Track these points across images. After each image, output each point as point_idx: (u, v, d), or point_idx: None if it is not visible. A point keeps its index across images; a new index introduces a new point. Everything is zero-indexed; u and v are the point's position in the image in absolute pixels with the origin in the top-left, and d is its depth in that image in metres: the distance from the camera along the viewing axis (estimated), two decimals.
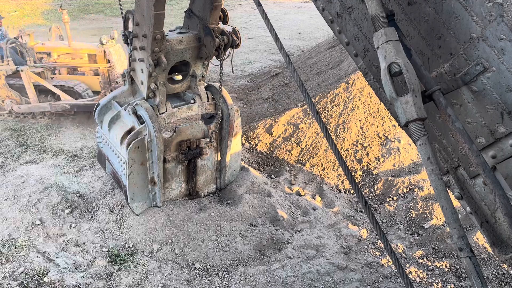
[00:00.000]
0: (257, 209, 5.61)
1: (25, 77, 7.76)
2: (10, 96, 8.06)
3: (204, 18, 4.62)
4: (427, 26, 1.81)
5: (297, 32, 15.57)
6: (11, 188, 5.94)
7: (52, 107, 7.89)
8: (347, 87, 7.39)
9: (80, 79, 8.22)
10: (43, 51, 8.20)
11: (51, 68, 8.24)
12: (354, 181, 1.88)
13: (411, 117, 1.58)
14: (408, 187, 6.20)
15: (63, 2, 20.45)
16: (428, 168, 1.54)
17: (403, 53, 1.65)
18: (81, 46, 8.34)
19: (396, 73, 1.63)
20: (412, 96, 1.58)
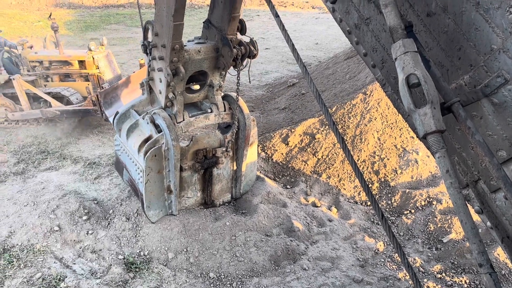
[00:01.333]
0: (272, 220, 5.59)
1: (17, 86, 8.01)
2: (4, 104, 8.33)
3: (222, 28, 4.66)
4: (446, 38, 1.80)
5: (314, 43, 15.59)
6: (31, 194, 6.05)
7: (43, 113, 8.13)
8: (365, 97, 7.35)
9: (71, 86, 8.46)
10: (36, 59, 8.40)
11: (44, 76, 8.45)
12: (371, 192, 1.86)
13: (429, 129, 1.56)
14: (426, 200, 6.10)
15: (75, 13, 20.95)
16: (447, 181, 1.52)
17: (421, 65, 1.64)
18: (71, 53, 8.55)
19: (414, 84, 1.61)
20: (431, 108, 1.56)
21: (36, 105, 8.37)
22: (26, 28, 18.06)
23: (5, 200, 5.98)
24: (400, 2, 1.99)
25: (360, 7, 2.17)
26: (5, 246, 5.09)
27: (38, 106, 8.35)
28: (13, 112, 8.33)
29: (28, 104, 8.21)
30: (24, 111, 8.25)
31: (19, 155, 7.46)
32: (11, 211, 5.70)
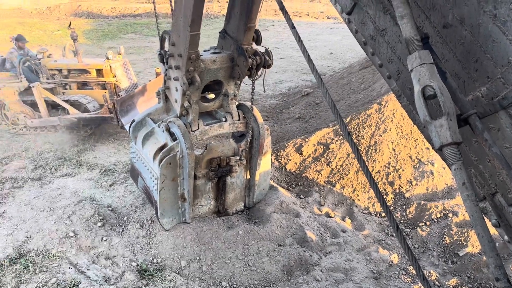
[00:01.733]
0: (285, 229, 5.57)
1: (37, 93, 8.20)
2: (24, 111, 8.53)
3: (238, 38, 4.71)
4: (463, 49, 1.79)
5: (329, 53, 15.61)
6: (48, 200, 6.15)
7: (61, 120, 8.30)
8: (379, 108, 7.31)
9: (89, 94, 8.61)
10: (55, 68, 8.57)
11: (62, 84, 8.61)
12: (386, 204, 1.85)
13: (445, 141, 1.56)
14: (442, 212, 6.01)
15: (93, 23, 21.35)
16: (463, 194, 1.51)
17: (437, 76, 1.63)
18: (89, 62, 8.71)
19: (430, 96, 1.61)
20: (447, 119, 1.55)
21: (54, 113, 8.56)
22: (46, 36, 18.48)
23: (22, 205, 6.09)
24: (416, 14, 1.99)
25: (376, 18, 2.18)
26: (21, 251, 5.17)
27: (56, 114, 8.52)
28: (32, 119, 8.51)
29: (46, 112, 8.39)
30: (43, 118, 8.43)
31: (36, 161, 7.60)
32: (28, 216, 5.80)
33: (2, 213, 5.95)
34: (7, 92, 8.31)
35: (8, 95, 8.33)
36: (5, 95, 8.34)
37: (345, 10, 2.36)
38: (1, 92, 8.36)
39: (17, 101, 8.38)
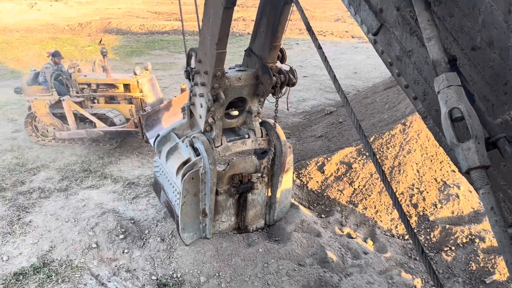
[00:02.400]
0: (306, 249, 5.51)
1: (66, 106, 8.43)
2: (53, 123, 8.76)
3: (263, 57, 4.77)
4: (491, 72, 1.78)
5: (353, 72, 15.58)
6: (72, 211, 6.27)
7: (88, 133, 8.52)
8: (404, 128, 7.23)
9: (116, 108, 8.82)
10: (85, 82, 8.81)
11: (91, 98, 8.85)
12: (410, 226, 1.83)
13: (473, 164, 1.53)
14: (468, 237, 5.84)
15: (122, 39, 21.94)
16: (491, 219, 1.47)
17: (465, 99, 1.62)
18: (117, 77, 8.93)
19: (458, 118, 1.59)
20: (475, 142, 1.53)
21: (82, 125, 8.79)
22: (77, 52, 19.10)
23: (48, 215, 6.23)
24: (443, 36, 1.99)
25: (403, 39, 2.18)
26: (45, 260, 5.27)
27: (84, 126, 8.75)
28: (60, 131, 8.76)
29: (74, 124, 8.63)
30: (71, 130, 8.67)
31: (63, 172, 7.79)
32: (53, 226, 5.92)
33: (29, 222, 6.10)
34: (39, 105, 8.60)
35: (39, 107, 8.61)
36: (37, 108, 8.63)
37: (371, 31, 2.37)
38: (33, 105, 8.65)
39: (47, 113, 8.65)
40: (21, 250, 5.50)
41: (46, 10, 31.71)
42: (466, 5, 1.85)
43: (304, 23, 2.23)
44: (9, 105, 11.94)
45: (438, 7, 2.00)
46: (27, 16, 29.57)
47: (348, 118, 9.26)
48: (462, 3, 1.87)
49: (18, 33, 23.49)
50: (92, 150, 8.76)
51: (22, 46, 20.05)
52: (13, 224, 6.08)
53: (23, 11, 31.46)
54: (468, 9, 1.84)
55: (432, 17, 1.83)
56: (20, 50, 19.23)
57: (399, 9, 2.15)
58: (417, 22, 1.91)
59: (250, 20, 25.37)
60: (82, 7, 33.39)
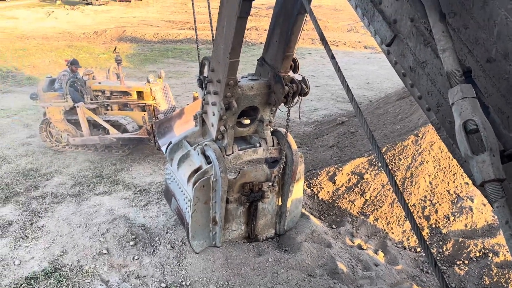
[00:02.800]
0: (316, 259, 5.46)
1: (80, 113, 8.55)
2: (67, 129, 8.88)
3: (275, 66, 4.79)
4: (507, 84, 1.76)
5: (365, 82, 15.54)
6: (84, 217, 6.33)
7: (101, 140, 8.61)
8: (416, 140, 7.17)
9: (129, 115, 8.90)
10: (99, 89, 8.91)
11: (105, 105, 8.95)
12: (423, 238, 1.80)
13: (487, 177, 1.51)
14: (481, 251, 5.74)
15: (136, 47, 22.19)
16: (506, 233, 1.45)
17: (480, 111, 1.61)
18: (131, 84, 9.01)
19: (472, 130, 1.58)
20: (490, 155, 1.51)
21: (95, 132, 8.89)
22: (92, 59, 19.38)
23: (60, 220, 6.29)
24: (458, 47, 1.98)
25: (416, 50, 2.18)
26: (56, 265, 5.31)
27: (97, 133, 8.86)
28: (74, 138, 8.87)
29: (88, 131, 8.73)
30: (84, 137, 8.77)
31: (76, 178, 7.88)
32: (65, 232, 5.98)
33: (41, 227, 6.17)
34: (53, 111, 8.73)
35: (54, 113, 8.75)
36: (51, 114, 8.77)
37: (385, 42, 2.37)
38: (48, 111, 8.79)
39: (61, 119, 8.78)
40: (33, 255, 5.56)
41: (63, 18, 32.31)
42: (481, 16, 1.84)
43: (318, 33, 2.24)
44: (25, 110, 12.14)
45: (453, 18, 1.99)
46: (44, 24, 30.16)
47: (360, 128, 9.22)
48: (477, 14, 1.86)
49: (35, 40, 23.95)
50: (105, 157, 8.85)
51: (38, 53, 20.42)
52: (25, 228, 6.16)
53: (41, 19, 32.10)
54: (483, 21, 1.83)
55: (446, 29, 1.82)
56: (36, 57, 19.58)
57: (413, 20, 2.15)
58: (432, 33, 1.91)
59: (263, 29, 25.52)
60: (98, 16, 33.95)
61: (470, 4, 1.89)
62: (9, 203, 6.92)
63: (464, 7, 1.92)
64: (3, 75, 16.56)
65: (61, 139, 9.14)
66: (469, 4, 1.89)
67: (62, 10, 34.68)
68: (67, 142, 9.06)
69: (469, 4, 1.89)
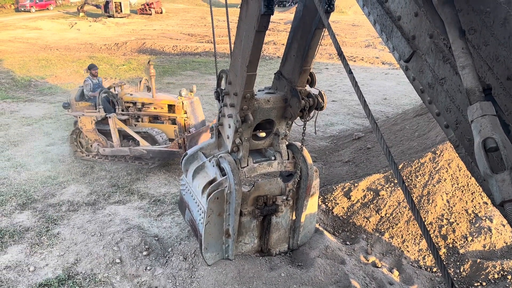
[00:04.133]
0: (329, 276, 5.38)
1: (112, 123, 8.59)
2: (98, 139, 8.93)
3: (292, 80, 4.81)
4: None
5: (383, 98, 15.45)
6: (99, 225, 6.38)
7: (131, 151, 8.61)
8: (434, 157, 7.06)
9: (159, 127, 8.90)
10: (130, 100, 8.98)
11: (135, 116, 9.01)
12: (440, 258, 1.76)
13: (507, 196, 1.48)
14: (500, 273, 5.58)
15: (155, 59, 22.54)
16: None
17: (500, 129, 1.58)
18: (162, 97, 9.05)
19: (492, 148, 1.55)
20: (510, 174, 1.48)
21: (125, 143, 8.91)
22: (112, 70, 19.76)
23: (75, 228, 6.36)
24: (478, 64, 1.96)
25: (435, 67, 2.16)
26: (70, 273, 5.36)
27: (127, 144, 8.87)
28: (104, 148, 8.92)
29: (118, 142, 8.76)
30: (114, 147, 8.81)
31: (92, 186, 7.97)
32: (79, 240, 6.03)
33: (57, 234, 6.24)
34: (85, 120, 8.78)
35: (86, 123, 8.80)
36: (83, 123, 8.82)
37: (403, 58, 2.37)
38: (80, 120, 8.85)
39: (93, 129, 8.82)
40: (47, 262, 5.62)
41: (85, 30, 33.13)
42: (502, 34, 1.82)
43: (336, 48, 2.24)
44: (45, 119, 12.40)
45: (473, 35, 1.98)
46: (67, 35, 30.96)
47: (376, 144, 9.14)
48: (497, 32, 1.84)
49: (58, 51, 24.57)
50: (121, 166, 8.91)
51: (60, 63, 20.92)
52: (41, 235, 6.24)
53: (64, 30, 32.98)
54: (503, 38, 1.82)
55: (466, 45, 1.81)
56: (58, 67, 20.07)
57: (432, 36, 2.14)
58: (451, 50, 1.90)
59: (280, 43, 25.69)
60: (119, 28, 34.71)
61: (491, 21, 1.87)
62: (26, 210, 7.03)
63: (485, 24, 1.91)
64: (26, 84, 16.99)
65: (91, 149, 9.14)
66: (490, 21, 1.88)
67: (85, 22, 35.57)
68: (97, 152, 9.09)
69: (490, 21, 1.88)
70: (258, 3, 3.87)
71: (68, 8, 46.21)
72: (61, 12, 42.60)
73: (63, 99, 14.73)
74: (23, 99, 14.78)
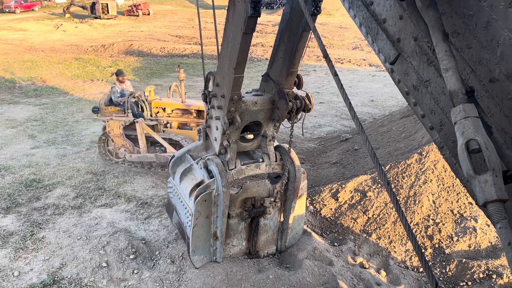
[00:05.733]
0: (317, 277, 5.40)
1: (139, 129, 8.33)
2: (125, 145, 8.69)
3: (279, 82, 4.82)
4: (510, 104, 1.76)
5: (370, 100, 15.57)
6: (85, 229, 6.30)
7: (158, 158, 8.39)
8: (420, 158, 7.14)
9: (188, 134, 8.64)
10: (159, 106, 8.80)
11: (164, 122, 8.80)
12: (425, 258, 1.78)
13: (490, 197, 1.49)
14: (485, 272, 5.65)
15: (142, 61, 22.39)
16: (508, 254, 1.43)
17: (483, 130, 1.60)
18: (192, 103, 8.85)
19: (475, 150, 1.57)
20: (492, 175, 1.50)
21: (152, 149, 8.70)
22: (98, 72, 19.57)
23: (61, 232, 6.27)
24: (461, 67, 1.98)
25: (420, 69, 2.18)
26: (55, 278, 5.28)
27: (154, 151, 8.67)
28: (131, 154, 8.72)
29: (145, 148, 8.55)
30: (141, 154, 8.61)
31: (78, 190, 7.87)
32: (65, 244, 5.95)
33: (42, 239, 6.15)
34: (113, 125, 8.56)
35: (114, 127, 8.57)
36: (111, 127, 8.59)
37: (389, 60, 2.38)
38: (108, 124, 8.63)
39: (120, 134, 8.59)
40: (32, 266, 5.53)
41: (71, 31, 32.77)
42: (485, 37, 1.85)
43: (321, 50, 2.25)
44: (30, 121, 12.22)
45: (456, 38, 2.00)
46: (52, 36, 30.58)
47: (363, 146, 9.20)
48: (480, 35, 1.87)
49: (43, 52, 24.26)
50: (108, 169, 8.83)
51: (46, 65, 20.66)
52: (26, 239, 6.14)
53: (49, 31, 32.57)
54: (486, 41, 1.84)
55: (449, 48, 1.83)
56: (43, 69, 19.81)
57: (417, 39, 2.16)
58: (435, 53, 1.91)
59: (268, 46, 25.73)
60: (106, 29, 34.41)
61: (474, 24, 1.90)
62: (10, 214, 6.91)
63: (468, 27, 1.93)
64: (10, 86, 16.73)
65: (118, 154, 8.92)
66: (473, 24, 1.90)
67: (71, 23, 35.21)
68: (123, 158, 8.87)
69: (473, 24, 1.90)
70: (245, 6, 3.87)
71: (53, 9, 45.68)
72: (47, 13, 42.09)
73: (48, 101, 14.59)
74: (7, 101, 14.55)
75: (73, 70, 19.93)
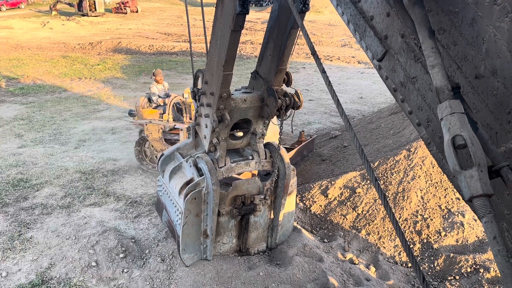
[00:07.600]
0: (307, 274, 5.42)
1: (182, 135, 7.96)
2: (164, 149, 8.20)
3: (268, 80, 4.82)
4: (495, 100, 1.78)
5: (359, 97, 15.66)
6: (74, 228, 6.25)
7: None
8: (408, 154, 7.21)
9: None
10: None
11: None
12: (412, 254, 1.80)
13: (475, 192, 1.51)
14: (472, 267, 5.73)
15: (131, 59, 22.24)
16: (494, 248, 1.45)
17: (468, 126, 1.62)
18: None
19: (461, 145, 1.59)
20: (478, 170, 1.52)
21: None
22: (86, 70, 19.38)
23: (49, 232, 6.21)
24: (447, 64, 2.01)
25: (407, 66, 2.20)
26: (43, 278, 5.23)
27: None
28: None
29: None
30: None
31: (67, 189, 7.80)
32: (53, 243, 5.89)
33: (30, 238, 6.08)
34: (152, 129, 8.25)
35: (152, 131, 8.26)
36: (150, 131, 8.28)
37: (376, 57, 2.40)
38: (146, 128, 8.29)
39: (159, 139, 8.29)
40: (20, 267, 5.47)
41: (58, 28, 32.40)
42: (470, 34, 1.87)
43: (309, 47, 2.25)
44: (17, 120, 12.07)
45: (442, 35, 2.02)
46: (39, 34, 30.20)
47: (352, 143, 9.26)
48: (466, 32, 1.89)
49: (30, 50, 23.95)
50: (96, 168, 8.76)
51: (32, 63, 20.40)
52: (13, 239, 6.07)
53: (36, 29, 32.15)
54: (472, 38, 1.86)
55: (436, 45, 1.85)
56: (30, 67, 19.56)
57: (404, 36, 2.18)
58: (421, 50, 1.93)
59: (257, 43, 25.72)
60: (93, 27, 34.07)
61: (459, 21, 1.92)
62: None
63: (453, 24, 1.95)
64: None
65: (155, 159, 8.53)
66: (458, 21, 1.93)
67: (58, 21, 34.80)
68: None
69: (458, 22, 1.93)
70: (233, 3, 3.86)
71: (40, 6, 45.08)
72: (33, 11, 41.52)
73: (35, 100, 14.41)
74: None
75: (61, 68, 19.71)
